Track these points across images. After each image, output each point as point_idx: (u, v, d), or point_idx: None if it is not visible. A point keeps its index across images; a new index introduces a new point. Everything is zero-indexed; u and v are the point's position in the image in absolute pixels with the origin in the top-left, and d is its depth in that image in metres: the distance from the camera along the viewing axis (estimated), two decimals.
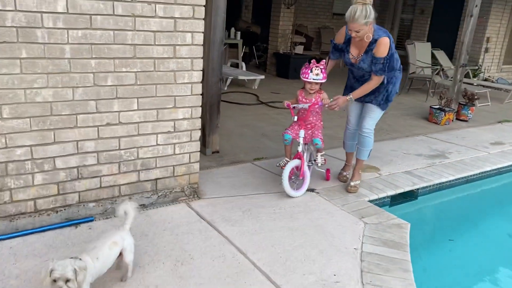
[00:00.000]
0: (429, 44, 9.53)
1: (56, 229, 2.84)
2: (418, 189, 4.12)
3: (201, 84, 3.22)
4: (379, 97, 3.57)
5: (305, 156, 3.65)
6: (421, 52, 9.05)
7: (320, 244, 2.89)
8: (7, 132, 2.57)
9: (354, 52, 3.47)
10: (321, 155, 3.79)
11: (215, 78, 4.31)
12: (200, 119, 3.30)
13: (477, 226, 3.99)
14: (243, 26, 10.59)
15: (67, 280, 1.92)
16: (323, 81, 3.51)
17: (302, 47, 10.16)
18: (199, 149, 3.39)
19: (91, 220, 2.99)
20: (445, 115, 6.56)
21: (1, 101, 2.50)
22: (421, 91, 9.01)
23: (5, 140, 2.58)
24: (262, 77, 7.88)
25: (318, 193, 3.71)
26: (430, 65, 9.02)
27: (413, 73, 8.71)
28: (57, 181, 2.83)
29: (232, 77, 7.56)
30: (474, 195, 4.55)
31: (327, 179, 3.97)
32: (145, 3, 2.80)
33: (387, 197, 3.87)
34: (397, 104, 7.78)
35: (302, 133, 3.57)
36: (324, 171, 3.98)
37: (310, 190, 3.73)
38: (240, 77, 7.49)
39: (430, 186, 4.19)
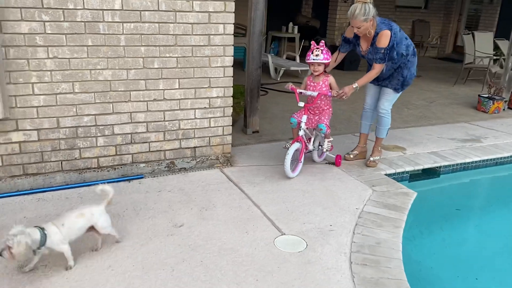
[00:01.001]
0: (491, 33, 9.30)
1: (114, 182, 3.57)
2: (440, 167, 4.36)
3: (232, 68, 3.80)
4: (394, 82, 3.91)
5: (312, 140, 3.91)
6: (481, 42, 8.88)
7: (326, 203, 3.35)
8: (77, 103, 3.34)
9: (363, 46, 3.81)
10: (328, 141, 3.94)
11: (255, 66, 4.87)
12: (231, 98, 3.89)
13: (491, 207, 4.13)
14: (302, 21, 11.04)
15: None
16: (324, 61, 3.68)
17: None
18: (231, 124, 3.97)
19: (141, 177, 3.70)
20: (493, 103, 6.55)
21: (73, 79, 3.27)
22: (480, 82, 8.86)
23: (76, 110, 3.35)
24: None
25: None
26: (490, 55, 8.83)
27: (469, 63, 8.60)
28: (115, 144, 3.57)
29: (284, 68, 8.06)
30: (501, 178, 4.66)
31: (336, 164, 4.09)
32: (184, 0, 3.44)
33: (405, 172, 4.18)
34: (449, 94, 7.83)
35: (304, 118, 3.76)
36: (334, 156, 4.12)
37: (331, 163, 4.16)
38: (292, 68, 7.98)
39: (452, 165, 4.40)
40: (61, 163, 3.42)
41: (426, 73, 10.06)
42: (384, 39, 3.59)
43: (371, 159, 4.15)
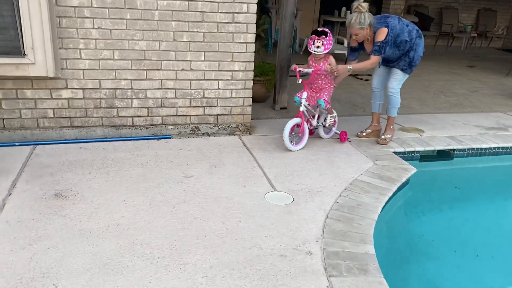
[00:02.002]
0: None
1: (145, 139, 4.14)
2: (453, 150, 4.49)
3: (254, 44, 4.19)
4: (401, 62, 4.13)
5: (316, 117, 4.20)
6: None
7: (324, 171, 3.68)
8: (116, 68, 3.91)
9: (368, 49, 4.11)
10: (331, 116, 4.24)
11: (286, 45, 5.21)
12: (252, 72, 4.29)
13: (494, 192, 4.20)
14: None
15: None
16: (325, 52, 3.93)
17: None
18: (251, 96, 4.38)
19: (169, 137, 4.24)
20: None
21: (113, 47, 3.83)
22: None
23: (115, 74, 3.93)
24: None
25: (350, 141, 4.40)
26: None
27: None
28: (147, 106, 4.12)
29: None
30: None
31: (341, 140, 4.31)
32: None
33: (416, 152, 4.36)
34: (497, 85, 7.66)
35: (304, 94, 4.01)
36: (339, 132, 4.33)
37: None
38: (336, 51, 8.18)
39: (467, 149, 4.50)
40: (101, 119, 4.04)
41: (481, 63, 9.78)
42: (380, 36, 3.91)
43: (383, 137, 4.39)
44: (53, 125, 3.92)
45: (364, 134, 4.51)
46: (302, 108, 4.00)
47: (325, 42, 3.91)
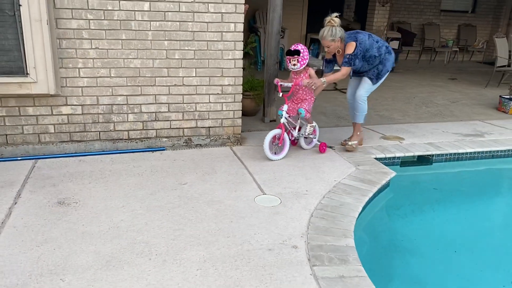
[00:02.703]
0: None
1: (140, 152, 4.38)
2: (432, 156, 4.77)
3: (242, 60, 4.48)
4: (370, 73, 4.48)
5: (297, 129, 4.42)
6: None
7: (309, 175, 3.94)
8: (113, 85, 4.18)
9: (340, 61, 4.41)
10: (311, 126, 4.47)
11: (273, 62, 5.51)
12: (241, 86, 4.57)
13: (471, 197, 4.46)
14: (342, 24, 11.47)
15: None
16: (301, 68, 4.20)
17: (397, 42, 10.65)
18: (241, 108, 4.65)
19: (163, 149, 4.48)
20: None
21: (110, 65, 4.10)
22: None
23: (112, 90, 4.19)
24: None
25: (334, 149, 4.67)
26: None
27: (503, 66, 8.67)
28: (142, 120, 4.37)
29: (316, 68, 8.60)
30: (493, 169, 4.95)
31: (320, 151, 4.49)
32: (200, 3, 4.18)
33: (396, 158, 4.63)
34: (476, 95, 8.01)
35: (285, 107, 4.23)
36: (319, 143, 4.54)
37: (329, 147, 4.71)
38: (321, 67, 8.52)
39: (444, 154, 4.79)
40: (99, 133, 4.28)
41: (462, 76, 10.18)
42: (349, 49, 4.24)
43: (349, 143, 4.60)
44: (54, 140, 4.16)
45: (356, 142, 4.76)
46: (282, 120, 4.22)
47: (299, 59, 4.16)
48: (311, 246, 2.80)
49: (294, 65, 4.19)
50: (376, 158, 4.49)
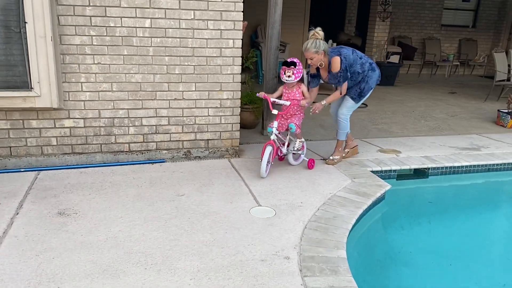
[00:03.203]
0: None
1: (140, 164, 4.48)
2: (428, 169, 4.83)
3: (240, 75, 4.59)
4: (352, 92, 4.48)
5: (285, 145, 4.40)
6: None
7: (305, 187, 4.01)
8: (115, 99, 4.29)
9: (323, 75, 4.45)
10: (300, 141, 4.44)
11: (271, 76, 5.62)
12: (239, 100, 4.67)
13: (466, 210, 4.51)
14: (343, 38, 11.65)
15: None
16: (295, 81, 4.23)
17: (397, 56, 10.78)
18: (239, 121, 4.75)
19: (163, 161, 4.57)
20: (511, 118, 6.78)
21: (111, 80, 4.23)
22: None
23: (113, 104, 4.30)
24: None
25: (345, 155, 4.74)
26: None
27: (502, 80, 8.75)
28: (143, 133, 4.48)
29: None
30: (488, 182, 5.00)
31: (308, 167, 4.46)
32: (200, 20, 4.31)
33: (392, 171, 4.69)
34: (475, 109, 8.08)
35: (275, 124, 4.21)
36: (307, 159, 4.50)
37: (323, 159, 4.79)
38: (321, 81, 8.63)
39: (440, 168, 4.85)
40: (101, 146, 4.39)
41: (462, 90, 10.26)
42: (335, 65, 4.23)
43: (331, 157, 4.67)
44: (56, 152, 4.26)
45: (343, 154, 4.84)
46: (272, 137, 4.20)
47: (295, 72, 4.18)
48: (303, 257, 2.87)
49: (289, 76, 4.20)
50: (372, 171, 4.56)
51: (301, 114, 4.45)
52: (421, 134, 6.23)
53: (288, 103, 4.28)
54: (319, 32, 4.17)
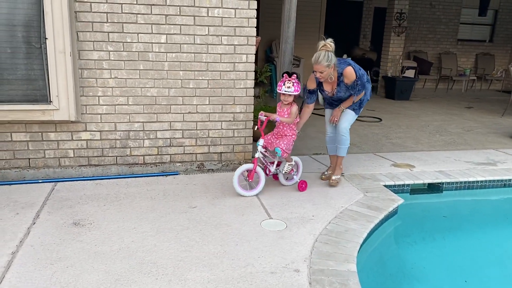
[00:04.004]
0: None
1: (155, 176, 4.55)
2: (442, 183, 4.78)
3: (253, 89, 4.66)
4: (353, 104, 4.34)
5: (275, 164, 4.17)
6: None
7: (317, 201, 4.01)
8: (130, 112, 4.39)
9: (328, 89, 4.25)
10: (289, 164, 4.13)
11: None
12: (252, 114, 4.73)
13: (482, 226, 4.44)
14: (358, 53, 11.68)
15: None
16: (295, 93, 3.95)
17: (413, 71, 10.75)
18: (252, 135, 4.80)
19: (177, 174, 4.64)
20: None
21: (128, 94, 4.33)
22: None
23: (129, 117, 4.40)
24: None
25: (343, 175, 4.75)
26: None
27: None
28: (157, 146, 4.56)
29: None
30: (505, 199, 4.92)
31: (299, 189, 4.20)
32: (214, 36, 4.40)
33: (405, 185, 4.66)
34: (492, 124, 7.99)
35: (261, 141, 3.99)
36: (299, 181, 4.24)
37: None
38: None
39: (455, 183, 4.79)
40: (116, 158, 4.48)
41: (479, 104, 10.16)
42: (350, 75, 4.07)
43: (333, 177, 4.39)
44: (73, 164, 4.37)
45: (327, 175, 4.56)
46: (257, 155, 3.99)
47: (295, 83, 3.95)
48: (313, 270, 2.87)
49: (289, 87, 3.95)
50: (385, 185, 4.54)
51: (293, 136, 4.16)
52: (435, 149, 6.18)
53: (263, 118, 4.05)
54: (330, 43, 3.98)
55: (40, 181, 4.27)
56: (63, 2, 3.84)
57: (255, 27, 4.50)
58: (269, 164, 4.21)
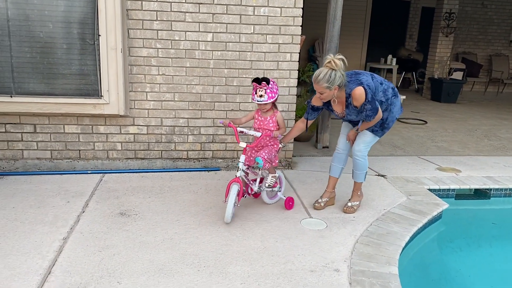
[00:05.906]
0: None
1: (197, 171, 4.65)
2: (490, 190, 4.61)
3: (296, 88, 4.66)
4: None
5: (258, 180, 3.64)
6: None
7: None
8: (176, 108, 4.51)
9: (338, 109, 3.57)
10: (272, 176, 3.66)
11: None
12: (294, 112, 4.74)
13: None
14: (404, 54, 11.42)
15: None
16: (269, 101, 3.40)
17: (461, 73, 10.39)
18: None
19: (218, 170, 4.72)
20: None
21: (174, 90, 4.45)
22: None
23: (174, 113, 4.52)
24: (403, 97, 8.67)
25: (386, 177, 4.67)
26: None
27: None
28: (201, 142, 4.65)
29: None
30: None
31: (286, 207, 3.73)
32: (259, 34, 4.44)
33: (451, 190, 4.53)
34: None
35: (242, 158, 3.45)
36: (284, 198, 3.77)
37: (381, 175, 4.72)
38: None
39: (503, 189, 4.61)
40: (161, 152, 4.61)
41: None
42: (359, 97, 3.32)
43: (349, 204, 3.78)
44: (120, 157, 4.53)
45: (322, 204, 3.81)
46: (239, 173, 3.42)
47: (268, 90, 3.38)
48: (353, 271, 2.85)
49: (261, 96, 3.38)
50: (429, 189, 4.43)
51: (275, 145, 3.64)
52: (483, 154, 5.96)
53: (258, 134, 3.53)
54: (336, 61, 3.24)
55: (89, 172, 4.47)
56: (116, 0, 4.00)
57: (300, 26, 4.51)
58: (251, 182, 3.65)
